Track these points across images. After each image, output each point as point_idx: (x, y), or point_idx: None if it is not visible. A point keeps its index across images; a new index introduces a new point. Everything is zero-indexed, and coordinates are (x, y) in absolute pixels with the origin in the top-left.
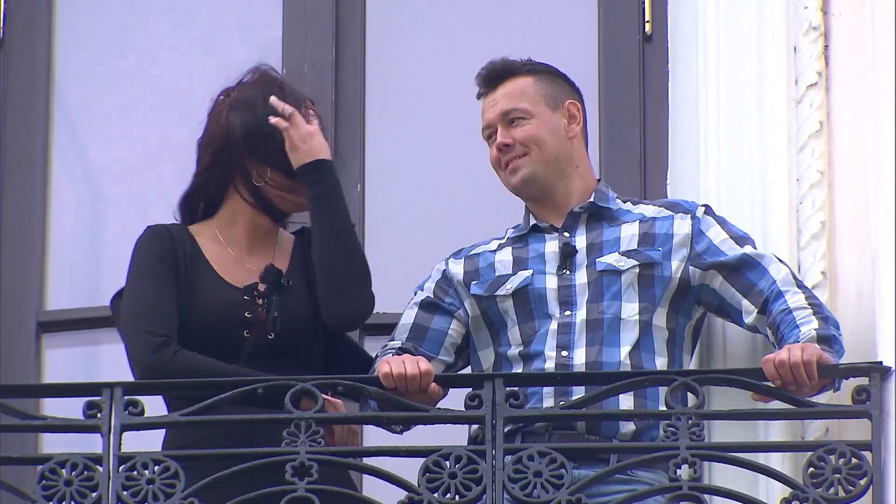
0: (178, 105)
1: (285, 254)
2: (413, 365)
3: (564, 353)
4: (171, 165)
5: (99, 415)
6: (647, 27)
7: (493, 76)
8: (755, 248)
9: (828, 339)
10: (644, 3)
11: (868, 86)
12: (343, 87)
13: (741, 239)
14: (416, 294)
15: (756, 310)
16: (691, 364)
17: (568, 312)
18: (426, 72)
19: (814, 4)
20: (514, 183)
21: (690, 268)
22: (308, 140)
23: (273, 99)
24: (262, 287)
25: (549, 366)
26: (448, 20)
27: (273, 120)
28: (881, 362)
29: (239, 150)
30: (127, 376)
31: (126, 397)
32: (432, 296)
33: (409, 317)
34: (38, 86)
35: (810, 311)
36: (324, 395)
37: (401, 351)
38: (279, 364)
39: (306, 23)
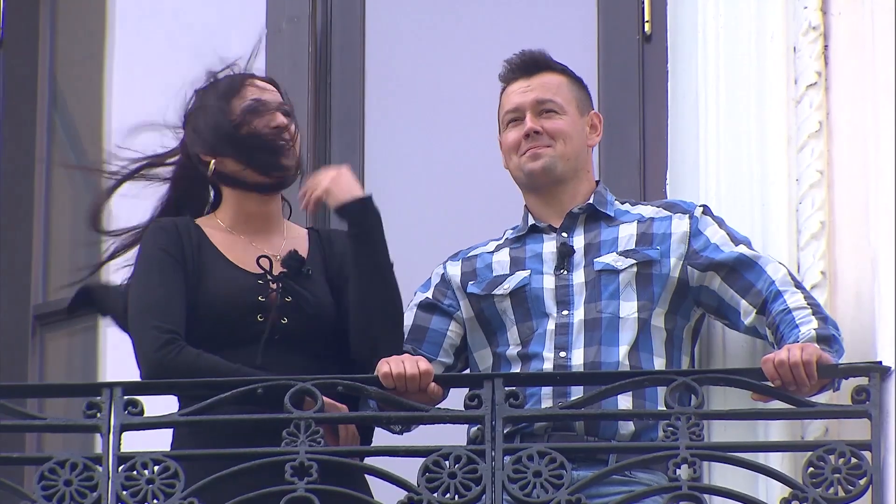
0: (173, 93)
1: (300, 243)
2: (412, 364)
3: (563, 353)
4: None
5: (99, 415)
6: (647, 27)
7: (532, 64)
8: (752, 248)
9: (827, 338)
10: (643, 3)
11: (868, 86)
12: (341, 89)
13: (738, 239)
14: (415, 296)
15: (755, 310)
16: (690, 364)
17: (566, 312)
18: (426, 71)
19: (813, 4)
20: (533, 168)
21: (689, 267)
22: (338, 181)
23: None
24: (276, 271)
25: (548, 366)
26: (448, 18)
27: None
28: (881, 362)
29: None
30: (126, 368)
31: (126, 397)
32: (431, 297)
33: (408, 319)
34: (38, 86)
35: (809, 311)
36: (327, 399)
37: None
38: (294, 351)
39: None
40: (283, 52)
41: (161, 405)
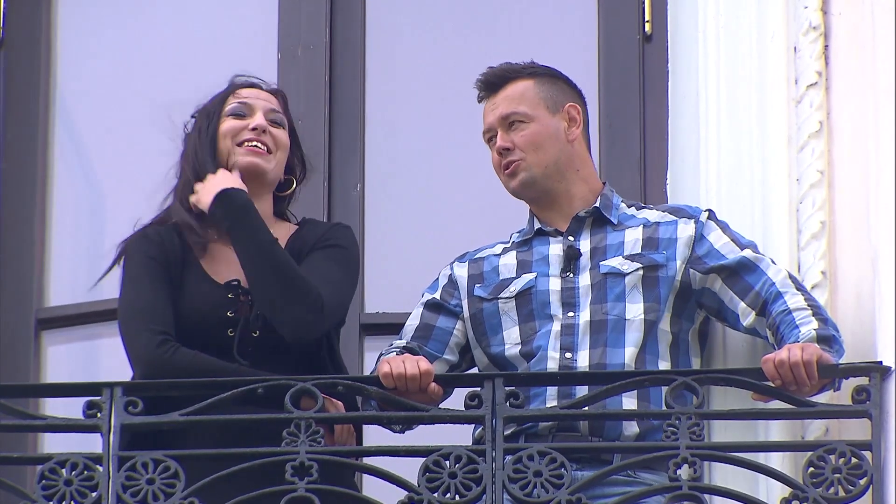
0: (180, 109)
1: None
2: (413, 364)
3: (568, 354)
4: (170, 162)
5: (99, 414)
6: (647, 27)
7: (494, 80)
8: (756, 251)
9: (828, 339)
10: (644, 3)
11: (868, 85)
12: (342, 87)
13: (742, 243)
14: (423, 296)
15: (754, 312)
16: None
17: (571, 314)
18: (426, 72)
19: (814, 4)
20: (513, 186)
21: (691, 271)
22: (206, 185)
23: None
24: (245, 283)
25: (552, 366)
26: (448, 19)
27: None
28: (881, 362)
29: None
30: (126, 372)
31: (126, 397)
32: (439, 298)
33: (415, 317)
34: (38, 86)
35: (810, 311)
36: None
37: (404, 350)
38: (269, 362)
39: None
40: (299, 80)
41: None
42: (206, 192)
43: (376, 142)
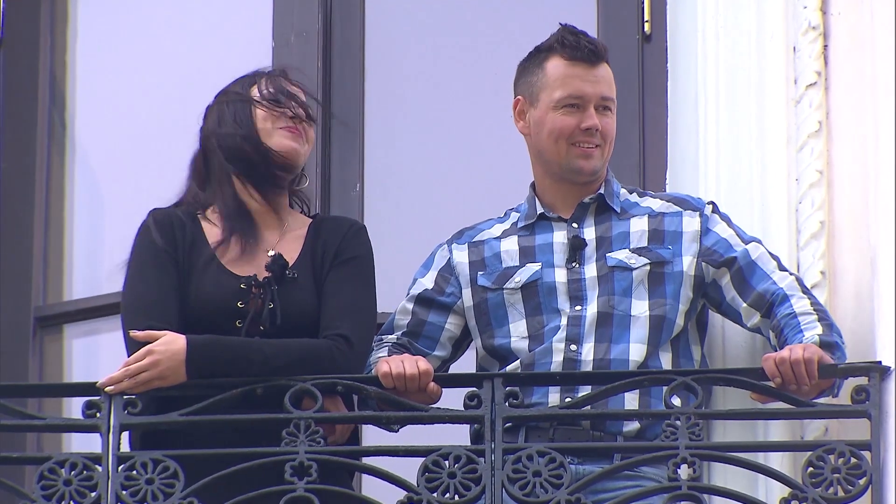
0: (177, 101)
1: (297, 240)
2: (412, 364)
3: (573, 346)
4: (170, 162)
5: (98, 414)
6: (647, 27)
7: (600, 52)
8: (761, 247)
9: (831, 345)
10: (643, 2)
11: (867, 85)
12: (342, 90)
13: (745, 238)
14: (415, 283)
15: (759, 313)
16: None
17: (578, 307)
18: (426, 71)
19: (813, 4)
20: (584, 167)
21: (703, 264)
22: (166, 360)
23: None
24: (261, 277)
25: (558, 359)
26: (447, 16)
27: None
28: (880, 362)
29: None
30: None
31: (125, 397)
32: (431, 288)
33: (404, 312)
34: (38, 86)
35: (815, 316)
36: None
37: (396, 346)
38: None
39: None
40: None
41: None
42: (174, 375)
43: (376, 142)
